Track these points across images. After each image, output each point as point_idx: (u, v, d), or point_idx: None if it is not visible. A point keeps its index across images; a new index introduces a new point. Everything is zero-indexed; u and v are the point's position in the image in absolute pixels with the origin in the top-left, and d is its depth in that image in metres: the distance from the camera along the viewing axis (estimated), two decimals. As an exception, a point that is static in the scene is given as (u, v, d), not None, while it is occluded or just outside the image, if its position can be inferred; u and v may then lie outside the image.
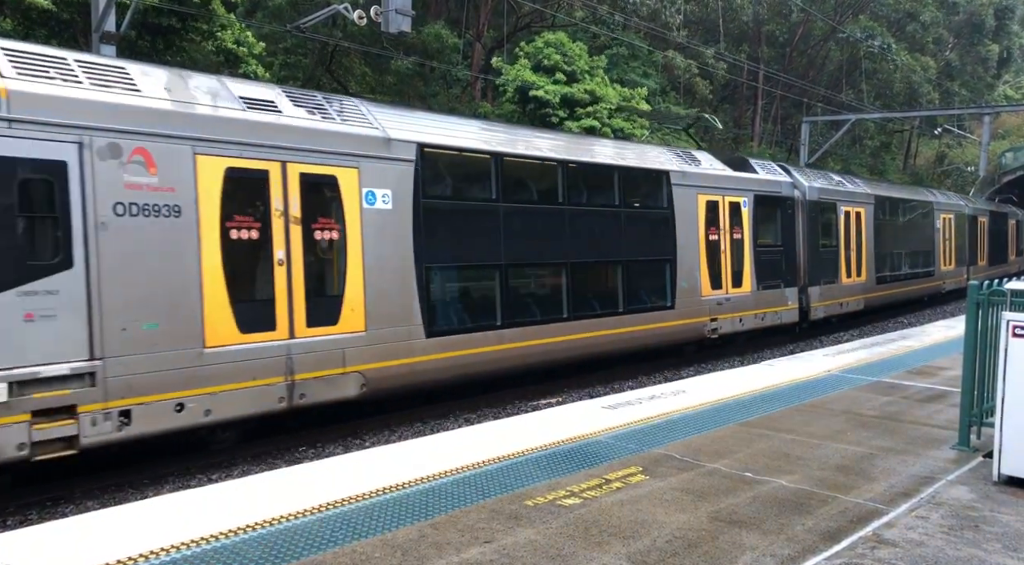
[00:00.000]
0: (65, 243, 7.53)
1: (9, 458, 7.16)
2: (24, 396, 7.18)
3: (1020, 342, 5.98)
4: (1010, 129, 64.36)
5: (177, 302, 8.27)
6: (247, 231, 8.86)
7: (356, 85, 29.56)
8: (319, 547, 4.88)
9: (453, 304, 11.45)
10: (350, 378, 9.84)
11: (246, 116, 9.00)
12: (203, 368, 8.44)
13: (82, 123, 7.67)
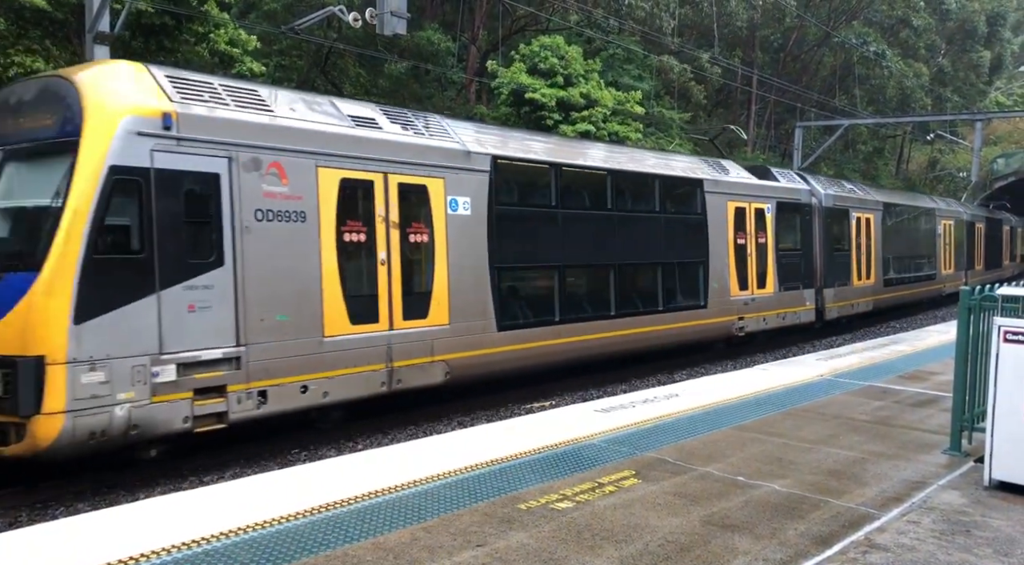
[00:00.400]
0: (218, 244, 8.65)
1: (177, 430, 8.30)
2: (188, 376, 8.32)
3: (1011, 347, 6.01)
4: (1002, 135, 64.68)
5: (302, 296, 9.42)
6: (357, 234, 10.08)
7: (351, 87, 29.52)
8: (311, 550, 4.86)
9: (519, 301, 12.61)
10: (437, 366, 11.03)
11: (355, 132, 10.17)
12: (322, 355, 9.58)
13: (231, 140, 8.79)
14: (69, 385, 7.49)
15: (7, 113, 8.63)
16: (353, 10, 14.17)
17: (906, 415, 8.79)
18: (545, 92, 23.44)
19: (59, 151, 7.99)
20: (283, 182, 9.24)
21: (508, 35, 31.22)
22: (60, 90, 8.32)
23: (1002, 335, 6.06)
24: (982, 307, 6.97)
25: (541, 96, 23.35)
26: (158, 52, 16.59)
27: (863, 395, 9.91)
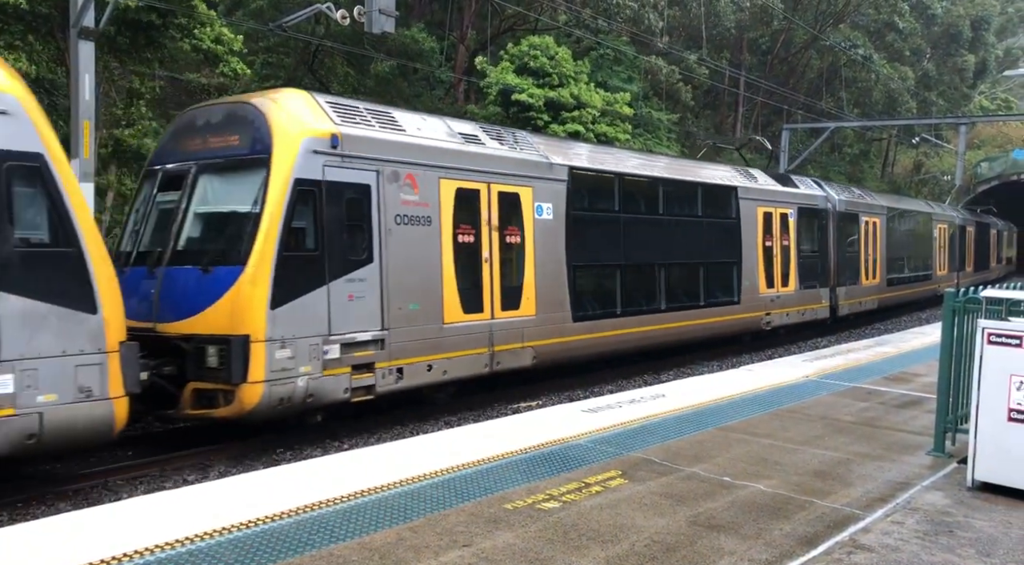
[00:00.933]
0: (369, 244, 10.21)
1: (339, 399, 9.92)
2: (348, 354, 9.88)
3: (995, 349, 6.05)
4: (986, 139, 65.27)
5: (428, 289, 10.98)
6: (468, 236, 11.63)
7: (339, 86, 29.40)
8: (296, 550, 4.83)
9: (589, 296, 14.03)
10: (527, 351, 12.58)
11: (466, 148, 11.76)
12: (442, 339, 11.14)
13: (378, 156, 10.33)
14: (267, 359, 9.00)
15: (196, 132, 10.18)
16: (340, 8, 14.11)
17: (891, 416, 8.85)
18: (533, 92, 23.40)
19: (252, 166, 9.50)
20: (415, 191, 10.85)
21: (497, 35, 31.19)
22: (248, 114, 9.82)
23: (986, 337, 6.10)
24: (966, 309, 7.02)
25: (528, 97, 23.32)
26: (145, 48, 16.47)
27: (848, 396, 9.97)
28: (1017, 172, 49.29)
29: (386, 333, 10.34)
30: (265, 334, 8.98)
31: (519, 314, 12.41)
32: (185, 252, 9.58)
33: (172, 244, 9.60)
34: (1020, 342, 5.94)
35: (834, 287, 21.78)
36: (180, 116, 11.01)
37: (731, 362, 17.05)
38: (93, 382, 7.65)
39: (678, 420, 8.48)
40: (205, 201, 9.83)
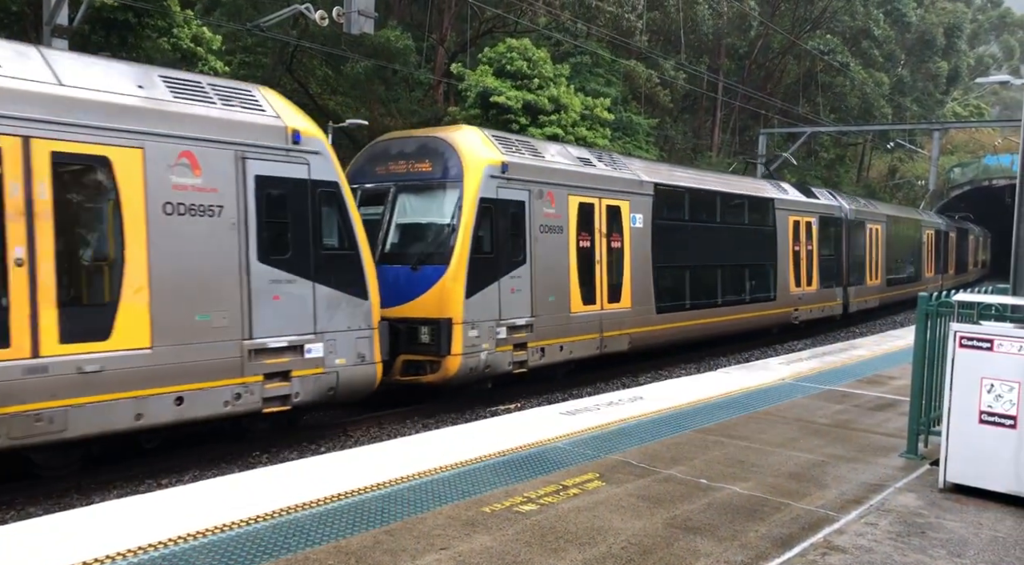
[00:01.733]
0: (523, 248, 12.80)
1: (504, 371, 12.49)
2: (511, 335, 12.51)
3: (966, 353, 6.13)
4: (958, 145, 66.27)
5: (560, 284, 13.52)
6: (586, 242, 14.18)
7: (317, 86, 29.29)
8: (271, 554, 4.80)
9: (667, 292, 16.41)
10: (625, 338, 15.08)
11: (584, 169, 14.39)
12: (569, 325, 13.73)
13: (529, 179, 12.95)
14: (463, 338, 11.63)
15: (391, 159, 12.64)
16: (319, 8, 14.05)
17: (865, 419, 8.94)
18: (511, 95, 23.40)
19: (447, 188, 12.06)
20: (552, 206, 13.42)
21: (476, 37, 31.20)
22: (440, 147, 12.35)
23: (958, 340, 6.18)
24: (939, 313, 7.10)
25: (507, 99, 23.32)
26: (120, 47, 16.29)
27: (823, 399, 10.06)
28: (988, 177, 50.10)
29: (534, 319, 13.01)
30: (462, 318, 11.71)
31: (620, 306, 15.03)
32: (392, 254, 12.09)
33: (380, 248, 11.98)
34: (991, 346, 6.03)
35: (846, 287, 24.52)
36: (373, 145, 13.33)
37: (708, 365, 17.15)
38: (366, 350, 10.36)
39: (656, 422, 8.51)
40: (406, 214, 12.40)
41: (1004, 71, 61.49)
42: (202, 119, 8.78)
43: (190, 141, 8.62)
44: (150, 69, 9.04)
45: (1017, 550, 5.19)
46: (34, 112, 7.49)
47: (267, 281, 9.28)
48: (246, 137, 9.13)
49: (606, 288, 14.61)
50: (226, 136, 8.96)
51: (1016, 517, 5.78)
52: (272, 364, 9.31)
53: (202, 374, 8.68)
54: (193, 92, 8.97)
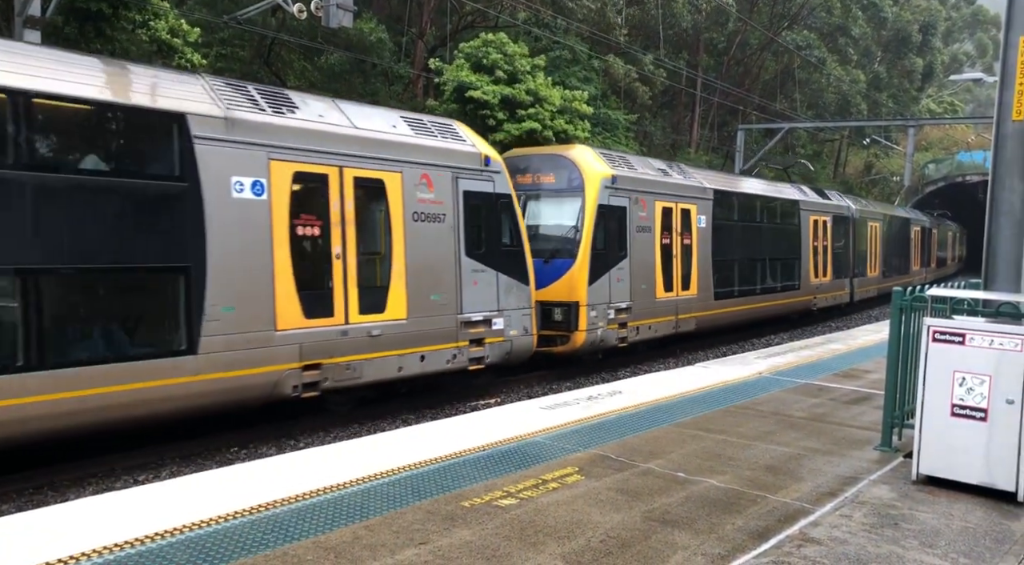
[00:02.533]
0: (624, 245, 15.64)
1: (612, 345, 15.49)
2: (617, 316, 15.47)
3: (939, 347, 6.23)
4: (933, 141, 67.00)
5: (649, 275, 16.47)
6: (667, 239, 17.07)
7: (295, 79, 29.03)
8: (249, 550, 4.78)
9: (722, 281, 19.26)
10: (692, 320, 18.02)
11: (664, 179, 17.34)
12: (655, 308, 16.71)
13: (629, 188, 15.81)
14: (587, 317, 14.64)
15: (520, 172, 15.17)
16: (297, 1, 13.94)
17: (840, 412, 9.05)
18: (488, 89, 23.30)
19: (571, 196, 14.92)
20: (644, 210, 16.25)
21: (456, 31, 31.10)
22: (563, 163, 15.25)
23: (931, 335, 6.28)
24: (913, 307, 7.20)
25: (483, 94, 23.21)
26: (94, 39, 16.05)
27: (799, 392, 10.17)
28: (962, 174, 50.80)
29: (632, 303, 15.89)
30: (586, 301, 14.68)
31: (689, 294, 17.92)
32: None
33: None
34: (963, 340, 6.13)
35: (852, 278, 27.67)
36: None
37: (686, 359, 17.27)
38: (527, 324, 13.41)
39: (634, 417, 8.56)
40: (537, 218, 15.17)
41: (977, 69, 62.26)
42: (433, 149, 11.77)
43: (427, 166, 11.60)
44: (392, 112, 11.99)
45: (987, 540, 5.28)
46: (347, 148, 10.46)
47: (470, 270, 12.31)
48: (457, 161, 12.15)
49: (680, 278, 17.58)
50: (446, 161, 11.93)
51: (986, 508, 5.88)
52: (473, 333, 12.42)
53: (435, 339, 11.74)
54: (423, 128, 11.97)
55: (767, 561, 4.85)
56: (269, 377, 9.59)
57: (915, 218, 38.14)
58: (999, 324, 6.17)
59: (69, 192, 7.96)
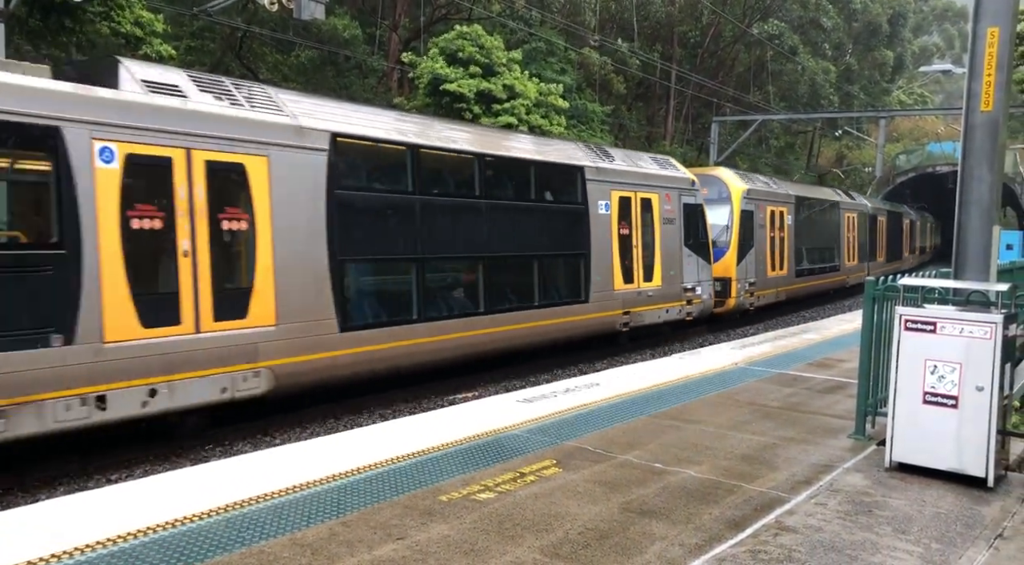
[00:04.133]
0: (751, 238, 21.57)
1: (746, 309, 21.65)
2: (749, 288, 21.63)
3: (911, 335, 6.30)
4: (904, 132, 67.82)
5: (762, 258, 22.11)
6: (772, 233, 22.79)
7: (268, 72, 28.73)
8: (225, 548, 4.73)
9: (799, 264, 25.33)
10: (784, 292, 23.94)
11: (771, 188, 23.33)
12: (767, 283, 22.35)
13: (756, 198, 22.12)
14: (737, 288, 20.62)
15: None
16: (269, -7, 13.77)
17: (814, 401, 9.14)
18: (463, 83, 23.20)
19: (722, 204, 20.82)
20: (764, 214, 22.35)
21: (430, 23, 30.92)
22: (716, 181, 21.19)
23: (903, 323, 6.35)
24: (885, 297, 7.28)
25: (459, 87, 23.11)
26: (59, 32, 15.76)
27: (774, 382, 10.26)
28: (932, 164, 51.51)
29: (757, 279, 21.91)
30: (736, 276, 20.77)
31: (783, 273, 23.94)
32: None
33: None
34: (934, 328, 6.20)
35: (867, 262, 33.39)
36: None
37: (663, 351, 17.36)
38: (711, 292, 19.23)
39: (612, 408, 8.59)
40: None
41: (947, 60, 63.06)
42: (670, 177, 18.13)
43: (667, 188, 17.86)
44: (642, 155, 19.04)
45: (958, 525, 5.36)
46: (644, 181, 17.15)
47: (685, 255, 18.41)
48: (679, 184, 18.34)
49: (779, 261, 23.57)
50: (675, 185, 18.18)
51: (957, 493, 5.97)
52: (688, 296, 18.47)
53: (672, 299, 17.91)
54: (661, 163, 18.51)
55: (744, 550, 4.88)
56: (616, 319, 16.41)
57: (906, 212, 44.57)
58: (969, 312, 6.25)
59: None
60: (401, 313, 11.74)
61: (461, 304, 12.97)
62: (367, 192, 11.49)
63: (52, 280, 7.83)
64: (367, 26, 30.73)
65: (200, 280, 9.03)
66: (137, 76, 8.90)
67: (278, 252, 9.80)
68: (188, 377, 8.90)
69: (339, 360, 10.59)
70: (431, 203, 12.27)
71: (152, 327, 8.59)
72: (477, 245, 13.13)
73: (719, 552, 4.85)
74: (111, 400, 8.26)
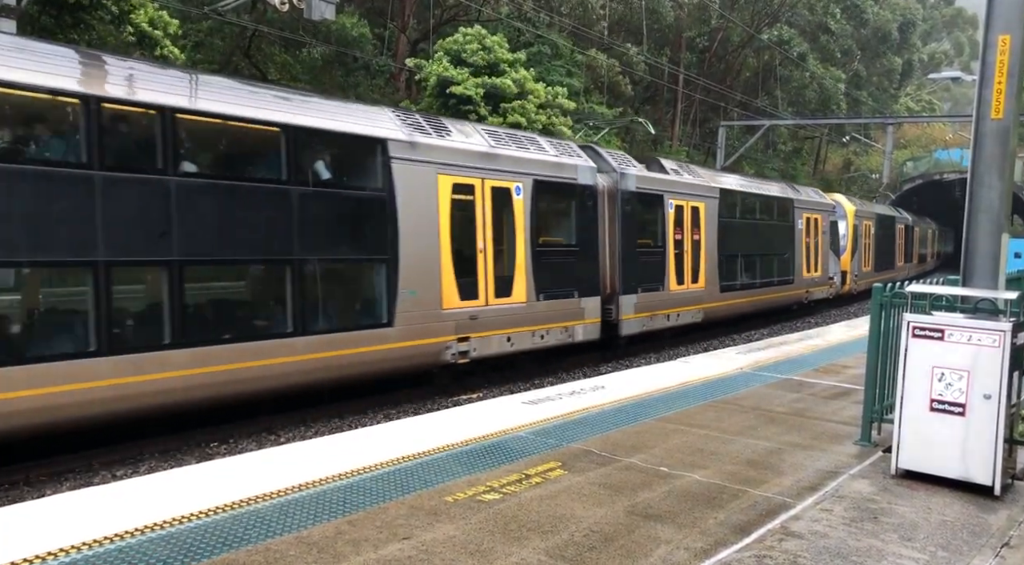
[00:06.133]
0: (838, 243, 29.47)
1: (833, 296, 29.54)
2: (851, 278, 30.85)
3: (919, 342, 6.29)
4: (911, 139, 67.68)
5: (859, 258, 31.63)
6: (858, 238, 31.41)
7: (276, 72, 28.80)
8: (231, 545, 4.74)
9: (870, 262, 33.30)
10: (864, 282, 30.70)
11: (877, 210, 36.60)
12: (857, 276, 30.99)
13: (858, 216, 31.98)
14: (851, 278, 30.49)
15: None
16: (280, -7, 13.81)
17: (820, 407, 9.12)
18: (469, 85, 23.18)
19: (841, 220, 29.89)
20: (863, 227, 31.69)
21: (438, 25, 30.97)
22: (835, 203, 29.89)
23: (911, 330, 6.33)
24: (893, 303, 7.26)
25: (466, 89, 23.10)
26: (72, 29, 15.83)
27: (780, 388, 10.24)
28: (939, 172, 51.45)
29: (857, 273, 30.74)
30: (850, 270, 30.22)
31: (869, 270, 32.07)
32: None
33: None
34: (942, 335, 6.19)
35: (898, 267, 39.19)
36: None
37: (669, 354, 17.35)
38: (840, 280, 29.42)
39: (617, 411, 8.58)
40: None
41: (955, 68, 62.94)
42: (815, 203, 26.67)
43: (818, 211, 26.83)
44: (783, 184, 26.53)
45: (964, 533, 5.35)
46: (808, 208, 26.64)
47: (827, 255, 27.27)
48: (824, 208, 27.44)
49: (859, 257, 31.27)
50: (823, 210, 27.12)
51: (963, 502, 5.96)
52: (830, 282, 27.88)
53: (821, 285, 27.10)
54: (798, 189, 26.37)
55: (749, 555, 4.88)
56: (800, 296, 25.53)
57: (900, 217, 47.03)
58: (977, 320, 6.23)
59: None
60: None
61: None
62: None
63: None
64: (375, 27, 30.79)
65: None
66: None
67: (706, 250, 19.15)
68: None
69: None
70: None
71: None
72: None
73: (724, 557, 4.85)
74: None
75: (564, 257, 14.95)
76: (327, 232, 10.57)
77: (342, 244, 10.79)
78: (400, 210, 11.48)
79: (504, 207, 13.35)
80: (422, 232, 11.86)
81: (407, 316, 11.58)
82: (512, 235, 13.54)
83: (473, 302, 12.84)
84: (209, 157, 9.95)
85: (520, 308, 13.95)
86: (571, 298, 15.01)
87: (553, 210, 14.98)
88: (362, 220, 11.12)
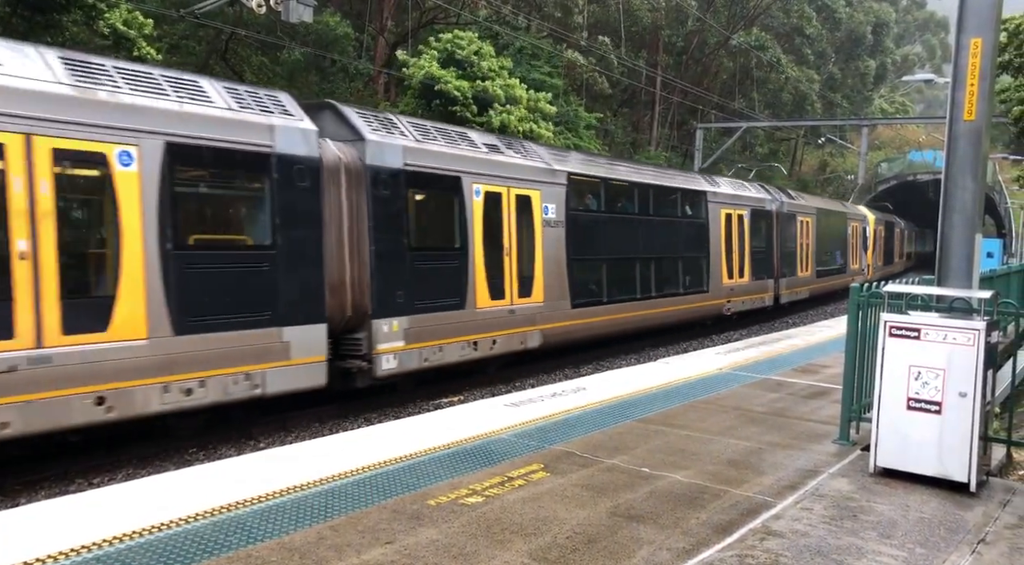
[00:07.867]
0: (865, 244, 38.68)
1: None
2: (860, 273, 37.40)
3: (896, 341, 6.36)
4: (885, 141, 68.55)
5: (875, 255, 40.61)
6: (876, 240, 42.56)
7: (252, 75, 28.59)
8: (211, 552, 4.70)
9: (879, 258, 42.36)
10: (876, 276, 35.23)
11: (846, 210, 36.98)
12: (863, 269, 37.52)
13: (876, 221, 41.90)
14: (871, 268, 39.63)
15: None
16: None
17: (800, 407, 9.20)
18: (458, 85, 23.10)
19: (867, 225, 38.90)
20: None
21: (417, 27, 30.91)
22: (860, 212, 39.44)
23: (887, 330, 6.41)
24: (870, 303, 7.34)
25: (455, 89, 23.00)
26: (44, 31, 15.63)
27: (760, 388, 10.32)
28: (913, 172, 52.19)
29: (872, 268, 39.11)
30: (871, 263, 39.01)
31: (868, 262, 37.88)
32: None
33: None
34: (918, 335, 6.27)
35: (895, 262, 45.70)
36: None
37: (648, 356, 17.42)
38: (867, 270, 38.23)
39: (599, 413, 8.61)
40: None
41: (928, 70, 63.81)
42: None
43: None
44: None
45: (942, 530, 5.42)
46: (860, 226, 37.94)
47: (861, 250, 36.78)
48: (862, 220, 36.39)
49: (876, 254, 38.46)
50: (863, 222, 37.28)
51: (940, 498, 6.03)
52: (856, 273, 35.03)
53: (845, 277, 32.22)
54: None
55: (731, 555, 4.91)
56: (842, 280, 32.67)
57: (896, 221, 51.17)
58: (952, 319, 6.32)
59: None
60: None
61: None
62: None
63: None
64: (353, 29, 30.66)
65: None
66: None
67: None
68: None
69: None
70: None
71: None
72: None
73: (706, 556, 4.87)
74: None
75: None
76: (685, 240, 20.16)
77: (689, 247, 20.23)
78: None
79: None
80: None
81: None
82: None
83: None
84: (641, 203, 18.65)
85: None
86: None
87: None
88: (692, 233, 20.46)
